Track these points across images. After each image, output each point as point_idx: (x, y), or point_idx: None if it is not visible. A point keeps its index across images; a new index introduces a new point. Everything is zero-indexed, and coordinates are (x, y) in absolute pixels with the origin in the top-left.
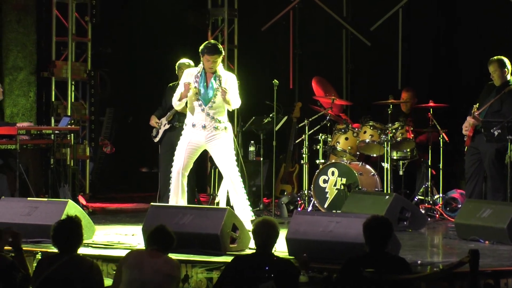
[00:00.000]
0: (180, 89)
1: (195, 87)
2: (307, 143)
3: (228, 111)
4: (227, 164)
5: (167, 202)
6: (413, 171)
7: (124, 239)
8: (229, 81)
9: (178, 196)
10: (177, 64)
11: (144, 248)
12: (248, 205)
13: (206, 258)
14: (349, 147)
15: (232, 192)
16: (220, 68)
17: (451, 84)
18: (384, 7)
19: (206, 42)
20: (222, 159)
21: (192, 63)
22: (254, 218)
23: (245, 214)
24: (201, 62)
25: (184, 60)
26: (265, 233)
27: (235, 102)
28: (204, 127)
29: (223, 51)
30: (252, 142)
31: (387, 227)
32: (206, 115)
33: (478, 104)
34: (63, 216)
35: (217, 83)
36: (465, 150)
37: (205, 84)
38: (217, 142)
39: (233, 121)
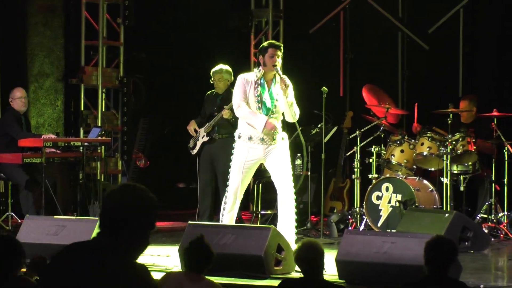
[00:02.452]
0: (240, 93)
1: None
2: (359, 156)
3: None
4: (284, 178)
5: (206, 220)
6: (475, 186)
7: (159, 260)
8: (291, 87)
9: (232, 218)
10: (211, 72)
11: (180, 270)
12: (295, 226)
13: (249, 282)
14: (405, 161)
15: (283, 209)
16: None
17: None
18: (444, 7)
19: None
20: (279, 172)
21: (226, 67)
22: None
23: (291, 236)
24: (258, 68)
25: (216, 68)
26: (307, 259)
27: (297, 110)
28: (262, 140)
29: None
30: (298, 155)
31: (453, 249)
32: None
33: None
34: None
35: (281, 87)
36: None
37: (264, 91)
38: (275, 154)
39: None
